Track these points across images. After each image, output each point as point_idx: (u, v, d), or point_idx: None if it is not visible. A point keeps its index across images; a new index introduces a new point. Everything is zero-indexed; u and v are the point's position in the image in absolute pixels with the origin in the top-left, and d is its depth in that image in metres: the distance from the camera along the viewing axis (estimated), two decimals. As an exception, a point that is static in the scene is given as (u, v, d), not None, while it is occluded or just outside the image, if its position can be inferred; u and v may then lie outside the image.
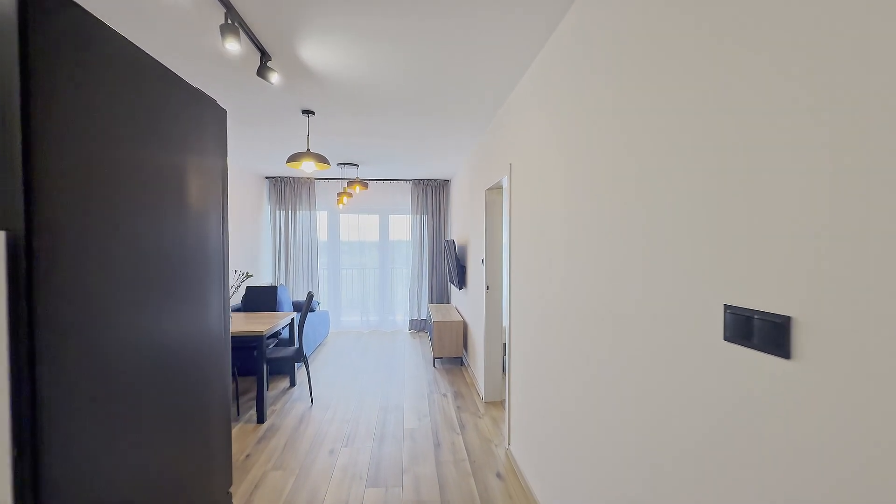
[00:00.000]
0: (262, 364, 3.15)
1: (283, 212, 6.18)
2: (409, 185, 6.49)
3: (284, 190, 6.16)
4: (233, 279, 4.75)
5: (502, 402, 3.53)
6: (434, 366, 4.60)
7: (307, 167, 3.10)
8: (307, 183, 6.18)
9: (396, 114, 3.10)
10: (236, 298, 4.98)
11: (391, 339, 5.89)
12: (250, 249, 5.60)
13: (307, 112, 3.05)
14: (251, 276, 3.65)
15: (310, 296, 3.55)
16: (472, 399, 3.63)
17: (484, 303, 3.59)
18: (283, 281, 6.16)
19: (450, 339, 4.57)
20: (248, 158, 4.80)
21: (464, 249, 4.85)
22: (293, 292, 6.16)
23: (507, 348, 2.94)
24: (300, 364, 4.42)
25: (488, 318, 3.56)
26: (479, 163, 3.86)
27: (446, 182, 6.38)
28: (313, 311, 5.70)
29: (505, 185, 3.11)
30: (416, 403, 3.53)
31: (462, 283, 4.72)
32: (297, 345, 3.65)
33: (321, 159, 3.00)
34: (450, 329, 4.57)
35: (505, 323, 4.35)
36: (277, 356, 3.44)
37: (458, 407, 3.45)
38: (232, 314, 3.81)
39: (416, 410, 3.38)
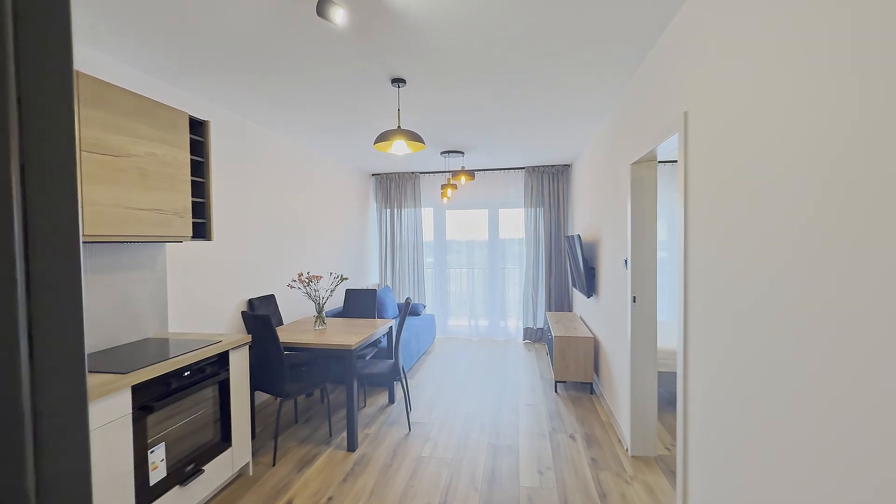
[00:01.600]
0: (352, 384, 2.71)
1: (388, 210, 5.92)
2: (521, 175, 5.68)
3: (389, 187, 5.90)
4: (328, 281, 4.55)
5: (658, 461, 2.53)
6: (556, 391, 3.74)
7: (398, 148, 2.54)
8: (411, 178, 5.81)
9: (511, 77, 2.36)
10: (336, 302, 4.80)
11: (503, 350, 5.17)
12: (357, 250, 5.43)
13: (397, 82, 2.50)
14: (346, 279, 3.28)
15: (407, 303, 3.03)
16: (611, 448, 2.70)
17: (629, 318, 2.62)
18: (388, 282, 5.91)
19: (575, 359, 3.65)
20: (353, 155, 4.55)
21: (593, 247, 3.87)
22: (399, 294, 5.86)
23: (681, 384, 1.95)
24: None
25: (635, 339, 2.59)
26: (619, 129, 2.89)
27: (566, 168, 5.40)
28: (418, 314, 5.28)
29: (676, 146, 2.12)
30: (534, 445, 2.74)
31: (590, 290, 3.76)
32: (393, 360, 3.17)
33: (413, 137, 2.42)
34: (575, 347, 3.65)
35: (665, 345, 3.30)
36: (371, 372, 2.98)
37: (592, 460, 2.56)
38: (330, 319, 3.51)
39: (536, 457, 2.59)
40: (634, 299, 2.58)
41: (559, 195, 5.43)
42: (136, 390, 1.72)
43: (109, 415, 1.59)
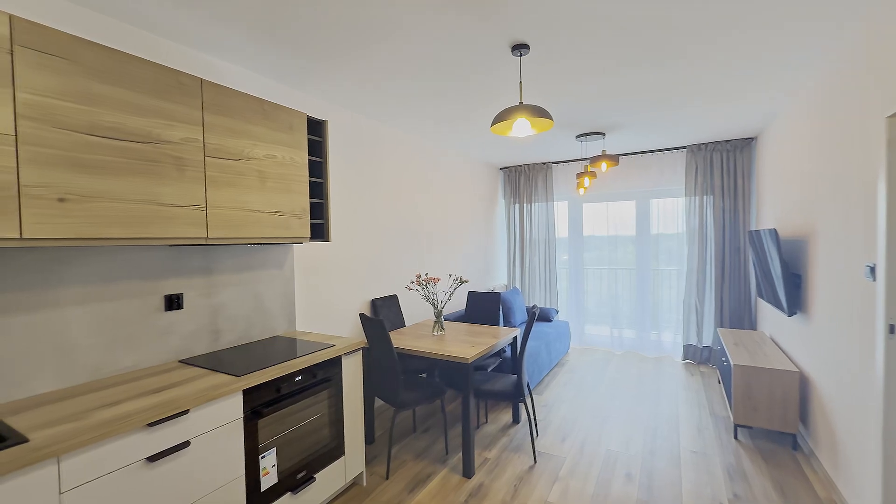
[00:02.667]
0: (468, 401, 2.40)
1: (517, 205, 5.49)
2: (680, 155, 4.61)
3: (519, 180, 5.46)
4: (446, 284, 4.34)
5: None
6: (736, 437, 2.81)
7: (521, 129, 2.12)
8: (542, 169, 5.26)
9: (669, 19, 1.71)
10: (457, 304, 4.58)
11: (655, 370, 4.26)
12: (483, 248, 5.16)
13: (519, 49, 2.07)
14: (465, 281, 3.00)
15: (533, 313, 2.59)
16: (841, 548, 1.80)
17: (880, 355, 1.70)
18: (517, 283, 5.49)
19: (769, 398, 2.67)
20: (476, 147, 4.27)
21: (798, 246, 2.79)
22: (528, 297, 5.39)
23: None
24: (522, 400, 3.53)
25: (893, 388, 1.66)
26: (858, 69, 1.93)
27: (747, 142, 4.16)
28: (549, 320, 4.75)
29: None
30: (707, 517, 2.01)
31: (793, 305, 2.71)
32: (516, 377, 2.76)
33: (538, 112, 1.97)
34: (769, 382, 2.67)
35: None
36: (490, 389, 2.63)
37: (809, 562, 1.73)
38: (450, 324, 3.29)
39: (710, 537, 1.87)
40: (892, 329, 1.64)
41: (736, 178, 4.22)
42: (248, 394, 1.70)
43: (221, 417, 1.59)
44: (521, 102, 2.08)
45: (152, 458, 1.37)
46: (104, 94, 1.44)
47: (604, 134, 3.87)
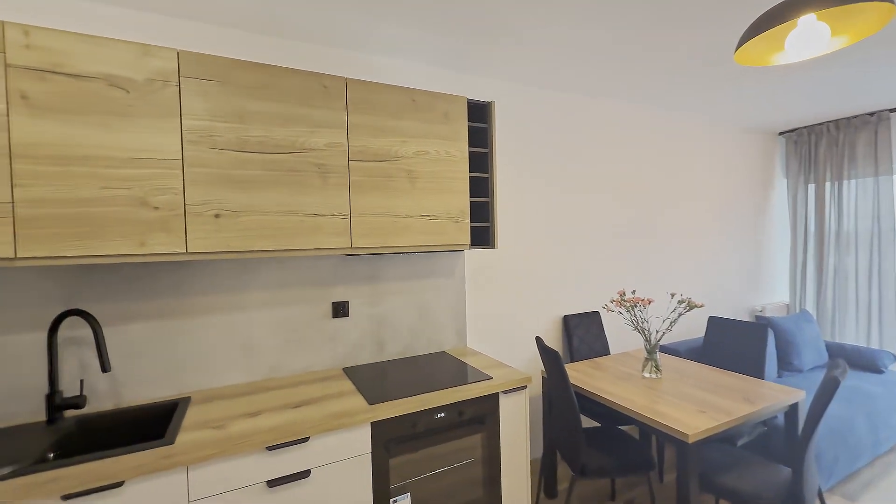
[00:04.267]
0: (687, 492, 1.52)
1: (812, 185, 3.63)
2: None
3: (816, 147, 3.58)
4: (669, 306, 3.13)
5: None
6: None
7: (805, 39, 1.14)
8: (865, 125, 3.25)
9: None
10: (692, 329, 3.28)
11: None
12: (744, 252, 3.63)
13: None
14: (698, 306, 2.02)
15: (836, 362, 1.45)
16: None
17: None
18: (808, 305, 3.63)
19: None
20: (738, 103, 2.96)
21: None
22: (831, 327, 3.47)
23: None
24: None
25: None
26: None
27: None
28: (877, 372, 2.92)
29: None
30: None
31: None
32: (792, 474, 1.62)
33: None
34: None
35: None
36: (735, 487, 1.63)
37: None
38: (672, 361, 2.33)
39: None
40: None
41: None
42: (378, 426, 1.49)
43: (346, 450, 1.43)
44: (804, -10, 1.09)
45: (272, 483, 1.31)
46: (253, 111, 1.48)
47: None
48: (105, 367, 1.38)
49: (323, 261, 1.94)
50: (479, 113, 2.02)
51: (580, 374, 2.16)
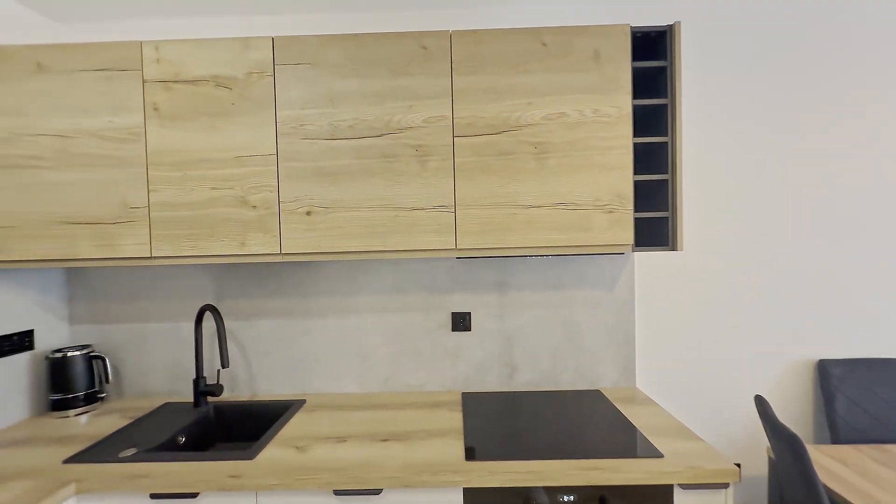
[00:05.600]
0: None
1: None
2: None
3: None
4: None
5: None
6: None
7: None
8: None
9: None
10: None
11: None
12: None
13: None
14: None
15: None
16: None
17: None
18: None
19: None
20: None
21: None
22: None
23: None
24: None
25: None
26: None
27: None
28: None
29: None
30: None
31: None
32: None
33: None
34: None
35: None
36: None
37: None
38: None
39: None
40: None
41: None
42: (474, 496, 1.09)
43: (431, 515, 1.09)
44: None
45: (340, 534, 1.09)
46: (343, 91, 1.28)
47: None
48: (224, 362, 1.43)
49: (438, 263, 1.64)
50: (649, 47, 1.35)
51: (850, 472, 1.23)
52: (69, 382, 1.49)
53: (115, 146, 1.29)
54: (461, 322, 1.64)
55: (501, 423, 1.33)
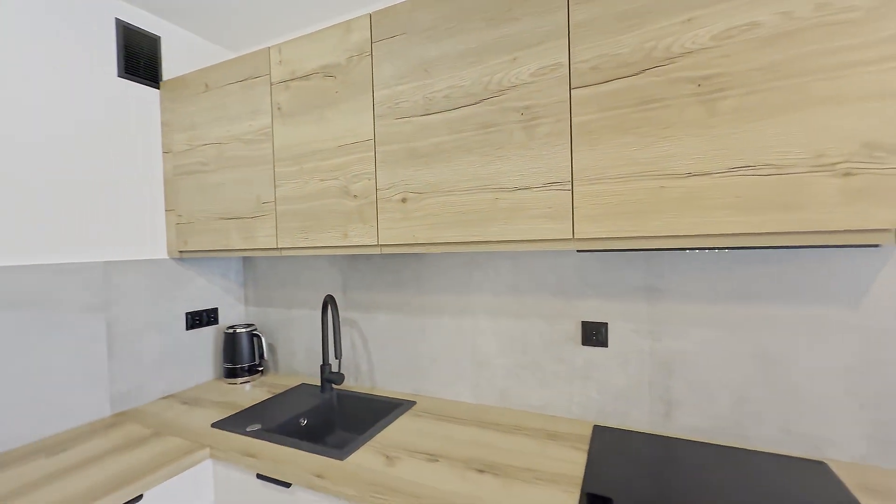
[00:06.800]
0: None
1: None
2: None
3: None
4: None
5: None
6: None
7: None
8: None
9: None
10: None
11: None
12: None
13: None
14: None
15: None
16: None
17: None
18: None
19: None
20: None
21: None
22: None
23: None
24: None
25: None
26: None
27: None
28: None
29: None
30: None
31: None
32: None
33: None
34: None
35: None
36: None
37: None
38: None
39: None
40: None
41: None
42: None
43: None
44: None
45: (416, 574, 0.92)
46: (436, 56, 1.11)
47: None
48: (337, 352, 1.44)
49: (564, 259, 1.31)
50: None
51: None
52: (237, 355, 1.76)
53: (253, 148, 1.43)
54: (594, 335, 1.28)
55: (644, 479, 0.95)
